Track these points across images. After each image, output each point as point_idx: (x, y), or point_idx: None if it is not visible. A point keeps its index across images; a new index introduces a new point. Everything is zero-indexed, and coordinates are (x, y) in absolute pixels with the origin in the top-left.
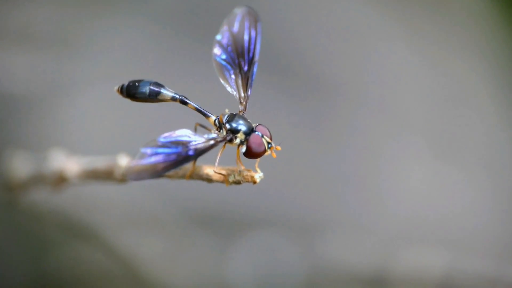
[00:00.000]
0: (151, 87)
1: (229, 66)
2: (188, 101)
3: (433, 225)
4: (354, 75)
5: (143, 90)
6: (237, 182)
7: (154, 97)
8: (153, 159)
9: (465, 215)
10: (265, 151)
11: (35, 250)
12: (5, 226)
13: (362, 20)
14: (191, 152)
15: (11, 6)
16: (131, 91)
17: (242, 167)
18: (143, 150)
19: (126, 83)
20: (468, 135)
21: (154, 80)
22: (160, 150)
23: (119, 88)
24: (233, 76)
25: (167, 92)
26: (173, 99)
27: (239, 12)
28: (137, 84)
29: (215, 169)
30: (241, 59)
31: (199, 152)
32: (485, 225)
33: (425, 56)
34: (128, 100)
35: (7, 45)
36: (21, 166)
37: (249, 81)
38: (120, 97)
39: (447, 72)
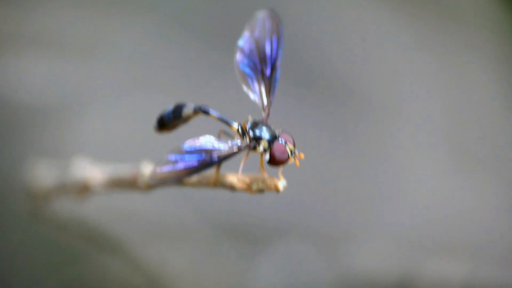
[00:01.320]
0: (174, 111)
1: (251, 73)
2: (209, 111)
3: (455, 233)
4: (377, 85)
5: (169, 117)
6: (261, 190)
7: (180, 117)
8: (177, 165)
9: (486, 224)
10: (288, 159)
11: (58, 261)
12: (28, 236)
13: (385, 31)
14: (214, 159)
15: (26, 13)
16: (161, 123)
17: (266, 175)
18: (167, 156)
19: (155, 121)
20: (489, 146)
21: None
22: (184, 157)
23: (155, 128)
24: (255, 83)
25: (188, 109)
26: (195, 111)
27: (260, 15)
28: (162, 115)
29: (238, 177)
30: (263, 65)
31: (222, 158)
32: (506, 233)
33: (446, 67)
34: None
35: (27, 53)
36: (44, 174)
37: (272, 87)
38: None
39: (467, 82)
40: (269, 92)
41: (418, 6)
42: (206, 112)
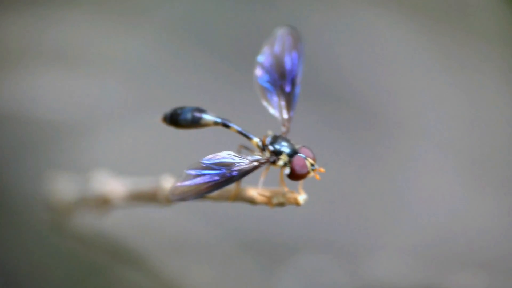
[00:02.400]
0: (194, 113)
1: (271, 88)
2: (230, 124)
3: (473, 247)
4: (397, 102)
5: (186, 117)
6: (281, 204)
7: (197, 122)
8: (197, 180)
9: (505, 238)
10: (308, 173)
11: (79, 275)
12: (49, 250)
13: (406, 49)
14: (235, 173)
15: (42, 29)
16: (174, 118)
17: (286, 189)
18: (187, 171)
19: (169, 111)
20: (506, 161)
21: (196, 106)
22: (204, 171)
23: (163, 117)
24: (275, 98)
25: (209, 117)
26: (216, 123)
27: (280, 32)
28: (179, 111)
29: (258, 191)
30: (283, 80)
31: (243, 174)
32: None
33: (465, 85)
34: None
35: (46, 69)
36: (65, 188)
37: (292, 102)
38: (159, 114)
39: (485, 98)
40: (289, 107)
41: (440, 23)
42: (226, 125)
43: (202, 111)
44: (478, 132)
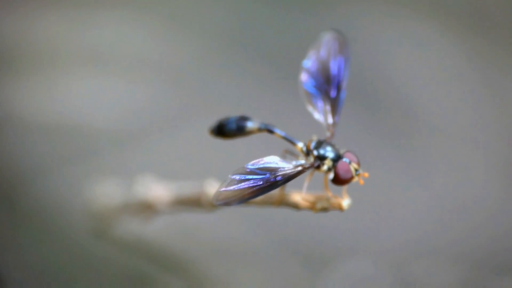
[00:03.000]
0: (238, 122)
1: (316, 93)
2: (274, 130)
3: None
4: (441, 112)
5: (231, 127)
6: (325, 209)
7: (242, 130)
8: (241, 185)
9: None
10: (352, 177)
11: (121, 282)
12: (92, 256)
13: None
14: (279, 178)
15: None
16: (220, 130)
17: (330, 194)
18: (231, 176)
19: (214, 123)
20: None
21: (240, 115)
22: (249, 176)
23: (210, 130)
24: (320, 103)
25: (253, 124)
26: (260, 129)
27: (326, 37)
28: (224, 122)
29: (302, 196)
30: (328, 85)
31: (287, 178)
32: None
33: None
34: (211, 122)
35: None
36: (109, 193)
37: (337, 107)
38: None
39: None
40: (334, 112)
41: (474, 26)
42: (271, 131)
43: (246, 119)
44: None
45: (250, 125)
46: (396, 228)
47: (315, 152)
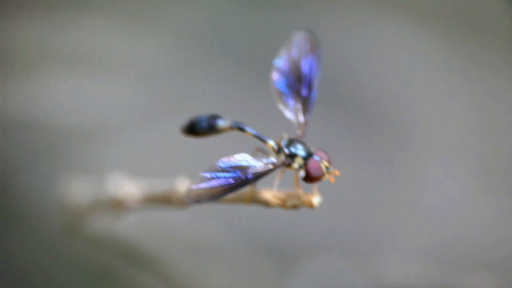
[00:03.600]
0: (209, 120)
1: (287, 92)
2: (245, 128)
3: (486, 250)
4: (410, 108)
5: (202, 125)
6: (295, 207)
7: (213, 129)
8: (212, 183)
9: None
10: (323, 175)
11: (93, 278)
12: (63, 253)
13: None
14: (250, 176)
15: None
16: (191, 128)
17: (300, 192)
18: (202, 174)
19: (185, 122)
20: None
21: (211, 113)
22: (220, 174)
23: (181, 129)
24: (291, 101)
25: (224, 122)
26: (231, 127)
27: (297, 36)
28: (195, 120)
29: (273, 194)
30: (300, 84)
31: (258, 176)
32: None
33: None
34: (182, 120)
35: (60, 73)
36: (79, 191)
37: (308, 106)
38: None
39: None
40: (305, 110)
41: (456, 33)
42: (242, 129)
43: (217, 117)
44: (490, 138)
45: (221, 123)
46: (366, 226)
47: (286, 150)
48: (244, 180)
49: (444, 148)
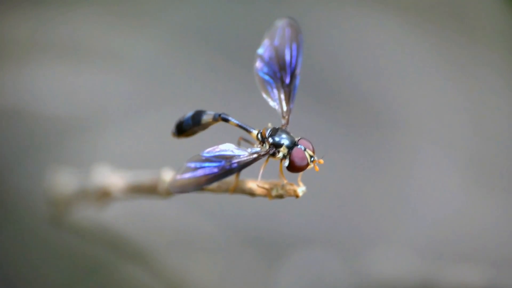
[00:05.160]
0: (193, 117)
1: (271, 80)
2: (229, 118)
3: (474, 242)
4: (396, 100)
5: (188, 122)
6: (280, 196)
7: (198, 124)
8: (197, 173)
9: (505, 234)
10: (308, 164)
11: (79, 269)
12: (49, 243)
13: (406, 48)
14: (234, 165)
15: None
16: (179, 129)
17: (285, 181)
18: (187, 164)
19: (173, 126)
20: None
21: (194, 110)
22: (204, 164)
23: (172, 134)
24: (275, 90)
25: (208, 116)
26: (215, 119)
27: (280, 24)
28: (181, 120)
29: (258, 183)
30: (283, 72)
31: (242, 166)
32: None
33: (467, 84)
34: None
35: (50, 63)
36: (65, 181)
37: (291, 94)
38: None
39: (486, 97)
40: (288, 99)
41: (442, 25)
42: (226, 120)
43: (199, 112)
44: (479, 132)
45: (204, 117)
46: (353, 219)
47: (270, 140)
48: (228, 169)
49: (432, 140)
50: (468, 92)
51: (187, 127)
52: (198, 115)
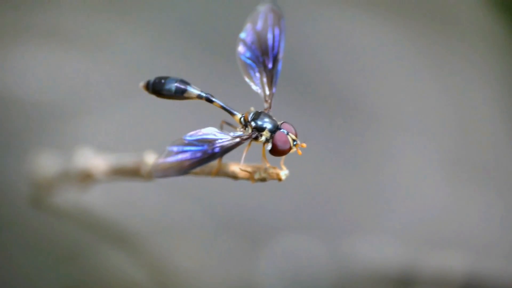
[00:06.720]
0: (177, 84)
1: (253, 64)
2: (213, 99)
3: (455, 229)
4: (377, 95)
5: (169, 87)
6: (263, 179)
7: (179, 94)
8: (180, 156)
9: (483, 221)
10: (290, 148)
11: (61, 252)
12: (31, 226)
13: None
14: (217, 150)
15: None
16: (157, 88)
17: (268, 165)
18: (169, 148)
19: (152, 79)
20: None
21: (180, 77)
22: (186, 148)
23: (145, 84)
24: (257, 74)
25: (193, 90)
26: (199, 97)
27: (262, 9)
28: (163, 81)
29: (240, 167)
30: (265, 57)
31: (225, 150)
32: (506, 232)
33: (445, 79)
34: (153, 98)
35: (33, 49)
36: (48, 164)
37: (274, 78)
38: (145, 95)
39: (465, 93)
40: (271, 83)
41: (421, 21)
42: (210, 101)
43: (186, 83)
44: (457, 124)
45: (190, 89)
46: (334, 206)
47: (253, 123)
48: (210, 154)
49: (410, 130)
50: (447, 83)
51: (165, 92)
52: (182, 84)
